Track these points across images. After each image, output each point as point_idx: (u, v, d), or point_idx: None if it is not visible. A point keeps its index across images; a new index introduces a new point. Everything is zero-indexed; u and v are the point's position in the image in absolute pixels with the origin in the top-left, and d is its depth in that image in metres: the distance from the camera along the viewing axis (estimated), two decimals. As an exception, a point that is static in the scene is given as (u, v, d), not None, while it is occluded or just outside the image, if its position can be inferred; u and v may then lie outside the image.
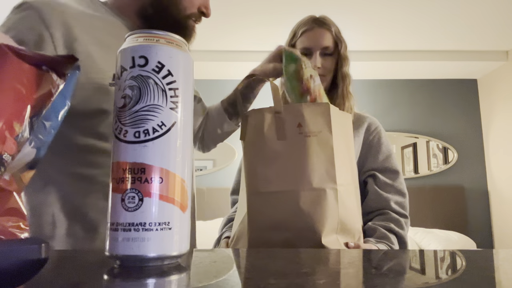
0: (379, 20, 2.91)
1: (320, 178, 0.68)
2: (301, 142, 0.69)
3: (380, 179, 0.95)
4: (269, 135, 0.71)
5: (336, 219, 0.67)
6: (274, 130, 0.71)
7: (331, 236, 0.66)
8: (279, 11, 2.73)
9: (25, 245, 0.26)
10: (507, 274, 0.31)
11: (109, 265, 0.33)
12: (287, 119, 0.71)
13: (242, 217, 0.73)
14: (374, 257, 0.39)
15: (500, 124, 3.53)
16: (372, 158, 0.99)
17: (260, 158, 0.71)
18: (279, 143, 0.70)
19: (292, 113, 0.71)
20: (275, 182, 0.69)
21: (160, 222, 0.32)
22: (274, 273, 0.30)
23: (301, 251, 0.42)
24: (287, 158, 0.69)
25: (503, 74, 3.52)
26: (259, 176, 0.70)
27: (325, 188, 0.67)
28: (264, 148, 0.71)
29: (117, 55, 0.36)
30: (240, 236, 0.73)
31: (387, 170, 0.97)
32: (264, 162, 0.71)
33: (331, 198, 0.67)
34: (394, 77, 3.83)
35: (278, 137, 0.71)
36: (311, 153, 0.69)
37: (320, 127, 0.70)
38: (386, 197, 0.93)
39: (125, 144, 0.33)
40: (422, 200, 3.53)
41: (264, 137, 0.72)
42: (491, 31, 3.04)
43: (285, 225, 0.67)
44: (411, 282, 0.29)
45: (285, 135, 0.70)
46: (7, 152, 0.27)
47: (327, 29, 1.00)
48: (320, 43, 0.99)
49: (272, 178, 0.69)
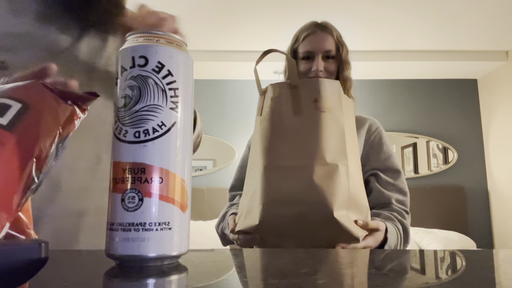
0: (379, 20, 2.91)
1: (333, 153, 0.69)
2: (316, 117, 0.71)
3: (382, 178, 0.97)
4: (285, 109, 0.73)
5: (347, 194, 0.68)
6: (290, 105, 0.72)
7: (342, 211, 0.67)
8: (280, 11, 2.73)
9: (25, 245, 0.26)
10: (507, 274, 0.31)
11: (109, 265, 0.33)
12: (304, 94, 0.72)
13: (251, 194, 0.74)
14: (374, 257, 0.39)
15: (500, 124, 3.53)
16: (374, 158, 1.00)
17: (276, 133, 0.73)
18: (295, 118, 0.72)
19: (309, 88, 0.73)
20: (290, 156, 0.70)
21: (160, 222, 0.32)
22: (274, 273, 0.30)
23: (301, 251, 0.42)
24: (302, 133, 0.71)
25: (503, 74, 3.52)
26: (275, 151, 0.72)
27: (337, 164, 0.68)
28: (280, 123, 0.73)
29: (117, 55, 0.36)
30: (250, 210, 0.73)
31: (389, 170, 0.99)
32: (279, 137, 0.72)
33: (343, 173, 0.68)
34: (394, 77, 3.83)
35: (295, 111, 0.72)
36: (325, 128, 0.70)
37: (333, 104, 0.72)
38: (388, 195, 0.95)
39: (125, 144, 0.33)
40: (422, 200, 3.53)
41: (280, 112, 0.73)
42: (491, 31, 3.04)
43: (298, 198, 0.68)
44: (411, 282, 0.29)
45: (301, 110, 0.72)
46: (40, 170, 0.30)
47: (329, 33, 1.02)
48: (322, 47, 1.01)
49: (287, 152, 0.71)
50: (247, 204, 0.75)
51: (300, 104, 0.72)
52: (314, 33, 1.02)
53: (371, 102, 3.75)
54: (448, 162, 3.74)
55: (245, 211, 0.75)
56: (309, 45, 1.01)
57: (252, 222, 0.71)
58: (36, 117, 0.31)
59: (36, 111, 0.31)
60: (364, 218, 0.74)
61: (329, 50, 1.01)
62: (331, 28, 1.04)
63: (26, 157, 0.29)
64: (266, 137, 0.74)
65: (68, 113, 0.34)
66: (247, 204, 0.75)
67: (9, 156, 0.27)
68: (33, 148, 0.29)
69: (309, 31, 1.02)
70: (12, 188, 0.27)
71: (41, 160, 0.30)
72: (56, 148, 0.32)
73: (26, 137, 0.29)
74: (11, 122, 0.29)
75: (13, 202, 0.27)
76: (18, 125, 0.29)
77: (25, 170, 0.28)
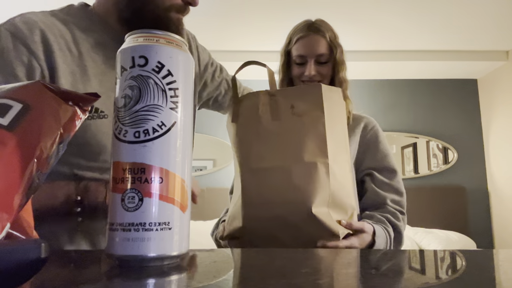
0: (379, 20, 2.91)
1: (312, 153, 0.70)
2: (294, 121, 0.72)
3: (378, 178, 0.97)
4: (263, 115, 0.75)
5: (327, 192, 0.68)
6: (269, 111, 0.74)
7: (322, 208, 0.68)
8: (279, 12, 2.73)
9: (25, 245, 0.26)
10: (507, 274, 0.31)
11: (109, 265, 0.33)
12: (281, 101, 0.74)
13: (236, 198, 0.75)
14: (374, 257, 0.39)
15: (500, 124, 3.53)
16: (370, 157, 0.99)
17: (254, 137, 0.74)
18: (273, 123, 0.73)
19: (285, 95, 0.75)
20: (268, 159, 0.71)
21: (160, 222, 0.32)
22: (274, 273, 0.30)
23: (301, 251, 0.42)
24: (280, 137, 0.72)
25: (503, 74, 3.52)
26: (253, 154, 0.73)
27: (316, 162, 0.69)
28: (258, 128, 0.74)
29: (117, 55, 0.36)
30: (235, 215, 0.74)
31: (385, 169, 0.98)
32: (258, 141, 0.73)
33: (322, 171, 0.69)
34: (394, 77, 3.83)
35: (273, 117, 0.74)
36: (303, 131, 0.71)
37: (312, 107, 0.73)
38: (384, 196, 0.94)
39: (125, 144, 0.33)
40: (422, 200, 3.53)
41: (259, 118, 0.75)
42: (491, 31, 3.04)
43: (278, 199, 0.69)
44: (411, 282, 0.29)
45: (279, 116, 0.73)
46: (41, 170, 0.30)
47: (322, 35, 1.00)
48: (314, 51, 0.99)
49: (265, 155, 0.72)
50: (233, 209, 0.76)
51: (278, 110, 0.74)
52: (307, 37, 1.00)
53: (371, 102, 3.74)
54: (448, 162, 3.73)
55: (231, 216, 0.76)
56: (302, 49, 1.00)
57: (237, 225, 0.72)
58: (37, 118, 0.31)
59: (37, 111, 0.31)
60: (349, 217, 0.74)
61: (322, 54, 0.99)
62: (324, 29, 1.01)
63: (27, 158, 0.29)
64: (244, 142, 0.75)
65: (69, 114, 0.34)
66: (232, 209, 0.76)
67: (10, 156, 0.27)
68: (34, 149, 0.29)
69: (301, 34, 1.01)
70: (13, 188, 0.27)
71: (42, 161, 0.30)
72: (57, 148, 0.33)
73: (27, 137, 0.29)
74: (12, 123, 0.29)
75: (14, 202, 0.27)
76: (19, 126, 0.29)
77: (26, 171, 0.28)
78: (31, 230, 0.32)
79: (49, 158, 0.31)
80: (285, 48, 1.05)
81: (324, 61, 1.00)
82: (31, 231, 0.32)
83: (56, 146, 0.32)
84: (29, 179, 0.29)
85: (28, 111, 0.30)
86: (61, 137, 0.33)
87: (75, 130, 0.35)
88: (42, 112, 0.31)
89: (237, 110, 0.78)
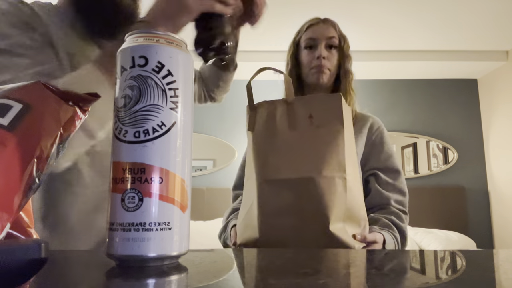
0: (379, 20, 2.91)
1: (330, 167, 0.69)
2: (312, 132, 0.71)
3: (382, 178, 0.98)
4: (280, 125, 0.73)
5: (344, 207, 0.68)
6: (286, 121, 0.73)
7: (338, 224, 0.67)
8: (280, 11, 2.73)
9: (25, 245, 0.26)
10: (507, 274, 0.31)
11: (109, 265, 0.33)
12: (299, 110, 0.73)
13: (249, 205, 0.74)
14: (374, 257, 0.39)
15: (500, 124, 3.53)
16: (374, 157, 1.01)
17: (271, 147, 0.73)
18: (291, 133, 0.72)
19: (303, 104, 0.73)
20: (286, 170, 0.70)
21: (160, 222, 0.32)
22: (274, 273, 0.30)
23: (301, 251, 0.42)
24: (298, 147, 0.71)
25: (503, 74, 3.52)
26: (270, 165, 0.72)
27: (334, 177, 0.68)
28: (275, 138, 0.73)
29: (117, 55, 0.36)
30: (248, 223, 0.73)
31: (389, 170, 1.00)
32: (275, 151, 0.72)
33: (340, 186, 0.68)
34: (394, 77, 3.83)
35: (290, 127, 0.72)
36: (322, 143, 0.70)
37: (330, 118, 0.71)
38: (387, 196, 0.95)
39: (124, 144, 0.33)
40: (422, 200, 3.53)
41: (275, 127, 0.73)
42: (491, 31, 3.04)
43: (293, 210, 0.68)
44: (411, 282, 0.29)
45: (296, 125, 0.72)
46: (41, 170, 0.30)
47: (331, 25, 1.07)
48: (325, 34, 1.04)
49: (282, 166, 0.71)
50: (246, 217, 0.75)
51: (296, 119, 0.72)
52: (317, 24, 1.07)
53: (371, 102, 3.74)
54: (448, 162, 3.74)
55: (244, 224, 0.76)
56: (312, 33, 1.05)
57: (252, 235, 0.71)
58: (37, 118, 0.31)
59: (37, 111, 0.31)
60: (362, 229, 0.74)
61: (332, 37, 1.04)
62: (333, 22, 1.08)
63: (27, 158, 0.29)
64: (260, 151, 0.74)
65: (69, 114, 0.34)
66: (245, 216, 0.76)
67: (10, 156, 0.27)
68: (34, 149, 0.29)
69: (312, 22, 1.08)
70: (13, 188, 0.27)
71: (42, 161, 0.30)
72: (57, 148, 0.33)
73: (27, 137, 0.29)
74: (12, 123, 0.29)
75: (14, 203, 0.27)
76: (19, 126, 0.29)
77: (26, 171, 0.28)
78: (31, 230, 0.32)
79: (49, 158, 0.31)
80: (294, 40, 1.10)
81: (334, 45, 1.05)
82: (32, 231, 0.32)
83: (56, 146, 0.32)
84: (29, 179, 0.29)
85: (28, 111, 0.30)
86: (61, 137, 0.33)
87: (75, 131, 0.35)
88: (42, 112, 0.31)
89: (254, 118, 0.77)
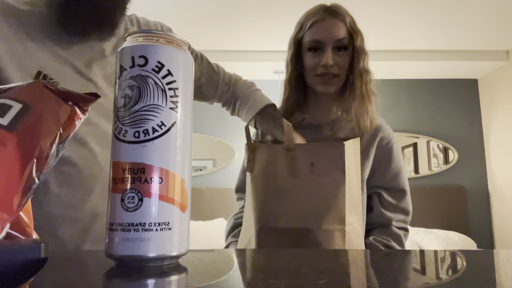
0: (380, 20, 2.91)
1: (330, 219, 0.67)
2: (313, 181, 0.68)
3: (385, 199, 0.90)
4: (280, 171, 0.71)
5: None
6: (286, 167, 0.70)
7: None
8: (279, 10, 2.73)
9: (25, 245, 0.26)
10: (507, 274, 0.31)
11: (109, 265, 0.33)
12: (300, 157, 0.70)
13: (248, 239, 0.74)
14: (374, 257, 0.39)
15: (500, 124, 3.53)
16: (380, 174, 0.90)
17: (270, 193, 0.71)
18: (291, 180, 0.70)
19: (305, 152, 0.70)
20: (285, 219, 0.69)
21: (159, 222, 0.32)
22: (274, 273, 0.30)
23: (301, 251, 0.42)
24: (298, 195, 0.69)
25: (503, 74, 3.51)
26: (269, 211, 0.70)
27: (333, 230, 0.67)
28: (274, 184, 0.71)
29: (117, 54, 0.36)
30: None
31: (394, 190, 0.90)
32: (274, 198, 0.70)
33: (339, 239, 0.67)
34: (394, 77, 3.83)
35: (290, 174, 0.70)
36: (322, 193, 0.68)
37: (333, 168, 0.69)
38: (389, 217, 0.89)
39: (124, 144, 0.33)
40: (423, 200, 3.53)
41: (275, 173, 0.71)
42: (491, 31, 3.04)
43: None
44: (412, 282, 0.29)
45: (297, 173, 0.69)
46: (41, 170, 0.30)
47: (341, 19, 0.87)
48: (333, 35, 0.85)
49: (282, 214, 0.69)
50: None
51: (296, 167, 0.69)
52: (324, 20, 0.86)
53: (371, 102, 3.74)
54: (448, 162, 3.73)
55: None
56: (318, 33, 0.86)
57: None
58: (37, 118, 0.31)
59: (37, 111, 0.31)
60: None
61: (342, 38, 0.85)
62: (343, 13, 0.88)
63: (26, 158, 0.29)
64: (259, 196, 0.72)
65: (68, 114, 0.34)
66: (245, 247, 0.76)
67: (9, 156, 0.27)
68: (34, 149, 0.30)
69: (317, 17, 0.86)
70: (13, 188, 0.27)
71: (42, 161, 0.30)
72: (56, 148, 0.33)
73: (27, 137, 0.29)
74: (12, 123, 0.29)
75: (13, 203, 0.27)
76: (18, 126, 0.29)
77: (26, 171, 0.28)
78: (31, 230, 0.32)
79: (48, 158, 0.31)
80: (295, 37, 0.90)
81: (344, 47, 0.87)
82: (31, 231, 0.32)
83: (56, 146, 0.32)
84: (28, 179, 0.29)
85: (28, 111, 0.30)
86: (61, 137, 0.33)
87: (74, 130, 0.35)
88: (41, 112, 0.31)
89: (253, 159, 0.74)
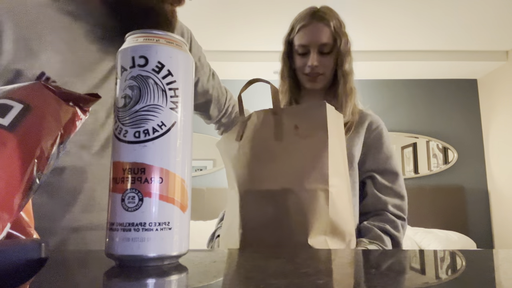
0: (379, 20, 2.91)
1: (313, 179, 0.67)
2: (297, 143, 0.69)
3: (379, 181, 0.94)
4: (266, 135, 0.71)
5: (326, 220, 0.66)
6: (272, 131, 0.71)
7: (319, 237, 0.66)
8: (278, 10, 2.73)
9: (25, 245, 0.26)
10: (507, 274, 0.31)
11: (109, 265, 0.33)
12: (285, 121, 0.71)
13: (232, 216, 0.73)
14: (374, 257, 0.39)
15: (500, 124, 3.53)
16: (372, 158, 0.96)
17: (255, 158, 0.71)
18: (276, 143, 0.70)
19: (289, 115, 0.71)
20: (268, 182, 0.69)
21: (160, 222, 0.32)
22: (274, 273, 0.30)
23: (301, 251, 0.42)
24: (282, 158, 0.69)
25: (503, 74, 3.52)
26: (254, 175, 0.70)
27: (316, 189, 0.67)
28: (260, 148, 0.71)
29: (117, 55, 0.36)
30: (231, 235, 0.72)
31: (387, 172, 0.95)
32: (258, 162, 0.71)
33: (322, 199, 0.66)
34: (394, 77, 3.83)
35: (276, 137, 0.70)
36: (306, 154, 0.68)
37: (315, 129, 0.70)
38: (384, 200, 0.92)
39: (125, 144, 0.33)
40: (422, 200, 3.53)
41: (262, 137, 0.72)
42: (491, 31, 3.04)
43: (274, 223, 0.67)
44: (411, 282, 0.29)
45: (282, 136, 0.70)
46: (41, 170, 0.30)
47: (326, 24, 0.96)
48: (316, 40, 0.95)
49: (265, 177, 0.69)
50: (228, 227, 0.75)
51: (282, 130, 0.70)
52: (310, 25, 0.96)
53: (371, 102, 3.74)
54: (448, 162, 3.74)
55: (227, 236, 0.75)
56: (304, 38, 0.96)
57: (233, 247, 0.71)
58: (38, 118, 0.31)
59: (38, 112, 0.31)
60: (347, 244, 0.72)
61: (324, 44, 0.95)
62: (329, 17, 0.96)
63: (27, 158, 0.29)
64: (245, 161, 0.72)
65: (69, 114, 0.34)
66: (228, 227, 0.75)
67: (10, 156, 0.27)
68: (35, 149, 0.30)
69: (304, 22, 0.97)
70: (14, 188, 0.27)
71: (43, 161, 0.30)
72: (57, 149, 0.33)
73: (28, 138, 0.29)
74: (13, 123, 0.29)
75: (14, 203, 0.27)
76: (19, 126, 0.29)
77: (27, 171, 0.28)
78: (31, 230, 0.32)
79: (49, 158, 0.31)
80: (287, 37, 1.02)
81: (327, 51, 0.96)
82: (32, 231, 0.32)
83: (57, 147, 0.32)
84: (29, 180, 0.29)
85: (29, 111, 0.30)
86: (62, 138, 0.33)
87: (75, 131, 0.35)
88: (42, 113, 0.31)
89: (243, 129, 0.75)
